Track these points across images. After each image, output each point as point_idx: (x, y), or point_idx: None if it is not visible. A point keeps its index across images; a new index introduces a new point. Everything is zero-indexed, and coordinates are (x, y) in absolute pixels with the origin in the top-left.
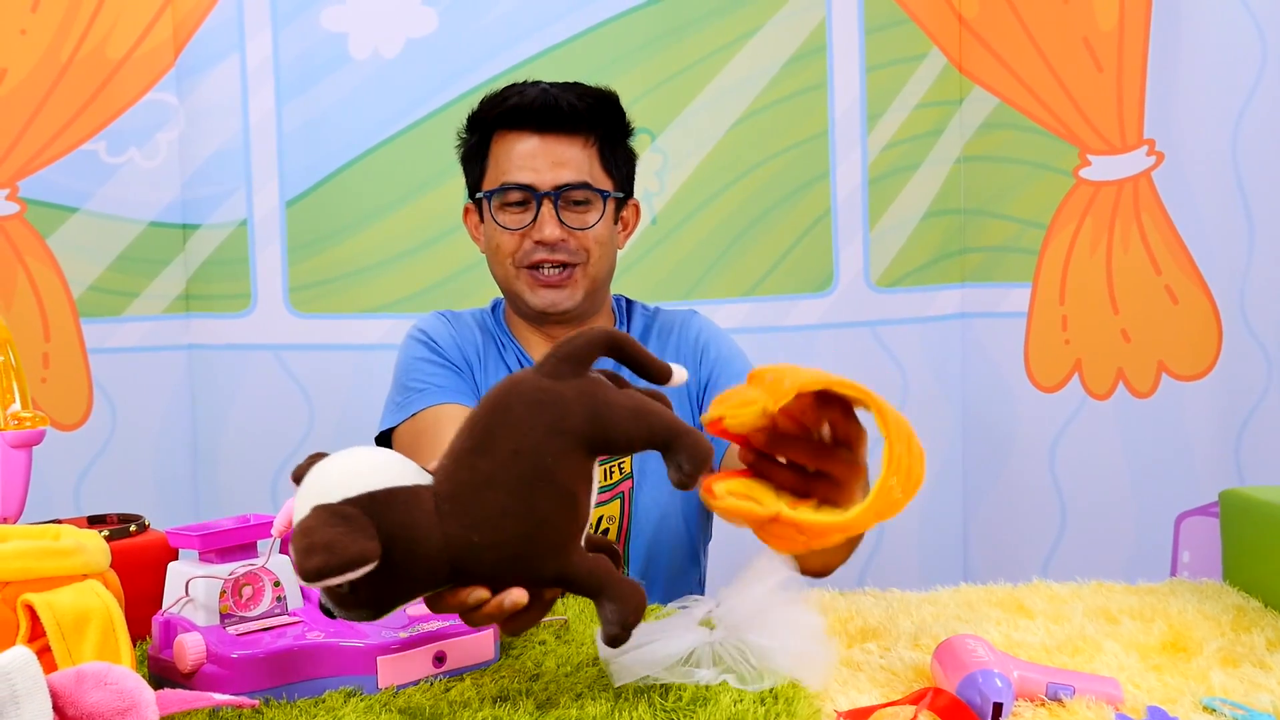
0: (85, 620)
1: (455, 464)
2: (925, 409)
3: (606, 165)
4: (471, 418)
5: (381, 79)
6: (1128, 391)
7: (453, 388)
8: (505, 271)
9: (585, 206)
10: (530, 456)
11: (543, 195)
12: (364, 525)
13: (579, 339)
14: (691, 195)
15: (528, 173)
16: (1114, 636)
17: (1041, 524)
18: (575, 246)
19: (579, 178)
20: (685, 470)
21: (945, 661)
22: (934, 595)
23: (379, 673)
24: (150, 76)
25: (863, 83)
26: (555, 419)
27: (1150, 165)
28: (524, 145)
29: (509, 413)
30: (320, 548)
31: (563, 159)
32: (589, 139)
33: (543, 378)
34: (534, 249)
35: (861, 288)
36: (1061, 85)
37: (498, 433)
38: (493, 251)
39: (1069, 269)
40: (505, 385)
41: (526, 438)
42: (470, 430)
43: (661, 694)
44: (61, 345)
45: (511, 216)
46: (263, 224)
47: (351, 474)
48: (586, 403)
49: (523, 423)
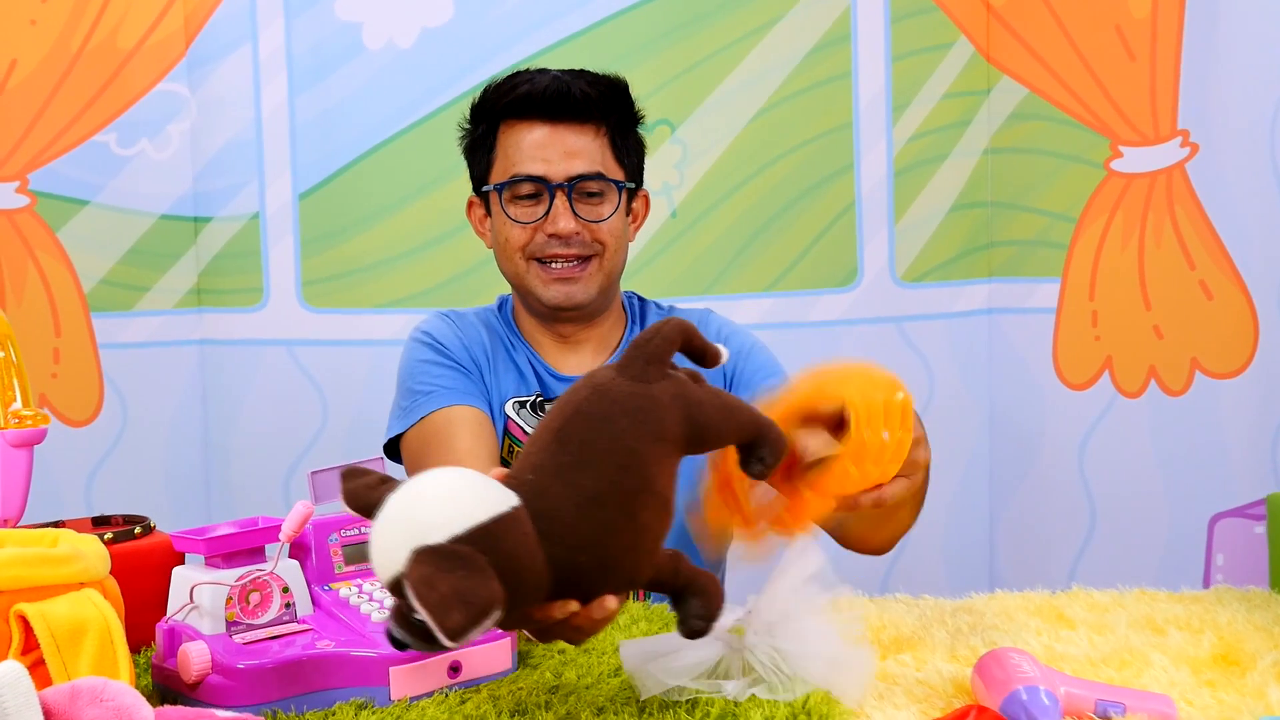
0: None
1: (550, 479)
2: (951, 407)
3: (618, 155)
4: (558, 427)
5: (396, 69)
6: (1160, 389)
7: (461, 389)
8: (515, 266)
9: (599, 198)
10: (636, 469)
11: (555, 187)
12: (483, 566)
13: (656, 337)
14: (712, 188)
15: (539, 164)
16: (1161, 649)
17: (1071, 526)
18: (589, 239)
19: (592, 168)
20: (767, 463)
21: (987, 676)
22: (968, 603)
23: (391, 684)
24: (161, 67)
25: (888, 72)
26: (656, 427)
27: (1184, 157)
28: (534, 135)
29: (610, 424)
30: (455, 600)
31: (575, 149)
32: (600, 128)
33: (633, 382)
34: (547, 242)
35: (886, 283)
36: (1092, 74)
37: (599, 445)
38: (502, 246)
39: (1100, 263)
40: (592, 392)
41: (632, 451)
42: (561, 442)
43: (689, 708)
44: (72, 340)
45: (523, 209)
46: (275, 217)
47: (451, 507)
48: (681, 405)
49: (627, 435)
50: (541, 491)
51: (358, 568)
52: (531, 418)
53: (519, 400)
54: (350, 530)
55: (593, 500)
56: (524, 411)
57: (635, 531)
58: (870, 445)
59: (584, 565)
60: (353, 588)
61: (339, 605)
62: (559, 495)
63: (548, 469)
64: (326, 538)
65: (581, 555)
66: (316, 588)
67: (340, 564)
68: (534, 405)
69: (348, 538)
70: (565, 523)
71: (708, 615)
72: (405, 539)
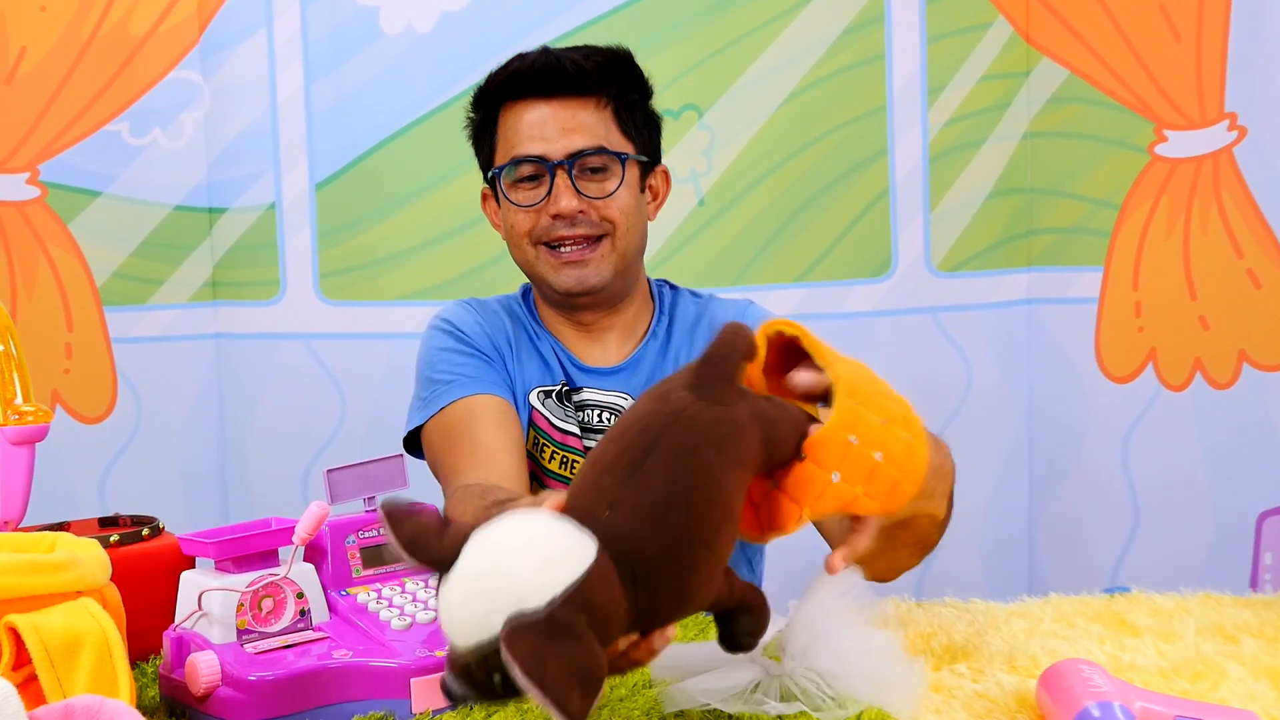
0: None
1: (632, 519)
2: (989, 401)
3: (625, 128)
4: (638, 461)
5: (415, 54)
6: (1206, 382)
7: (484, 378)
8: (525, 254)
9: (603, 173)
10: (721, 502)
11: (555, 165)
12: (586, 632)
13: (733, 354)
14: (741, 175)
15: (538, 143)
16: (1236, 658)
17: (1113, 523)
18: (597, 218)
19: (593, 142)
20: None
21: (1055, 690)
22: (1022, 607)
23: (412, 696)
24: (174, 54)
25: (923, 54)
26: (739, 453)
27: (1231, 141)
28: (532, 114)
29: (696, 457)
30: (573, 679)
31: (574, 124)
32: (601, 100)
33: (714, 406)
34: (552, 224)
35: (922, 272)
36: (1136, 55)
37: (685, 481)
38: (510, 233)
39: (1143, 252)
40: (673, 421)
41: (718, 483)
42: (643, 477)
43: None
44: (84, 335)
45: (525, 192)
46: (292, 208)
47: (544, 566)
48: (759, 426)
49: (714, 467)
50: (623, 533)
51: (376, 571)
52: (557, 408)
53: (544, 390)
54: (368, 532)
55: (679, 541)
56: (549, 401)
57: (715, 564)
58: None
59: (664, 604)
60: (371, 593)
61: (357, 612)
62: (644, 538)
63: (627, 507)
64: (343, 540)
65: (665, 595)
66: (333, 593)
67: (358, 567)
68: (559, 395)
69: (366, 539)
70: (652, 567)
71: (755, 631)
72: (496, 605)
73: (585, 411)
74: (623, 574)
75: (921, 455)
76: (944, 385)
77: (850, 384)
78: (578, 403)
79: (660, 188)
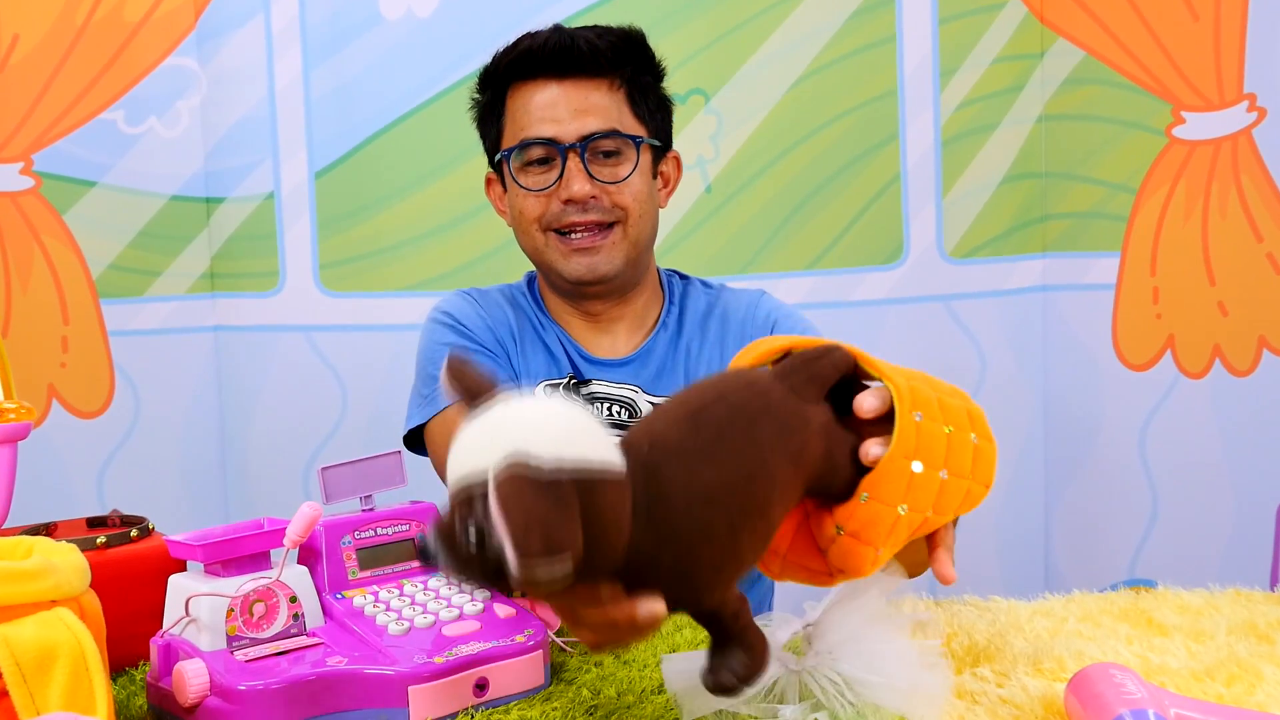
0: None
1: (668, 460)
2: (1004, 390)
3: (638, 111)
4: (697, 407)
5: (415, 40)
6: (1225, 369)
7: None
8: (534, 240)
9: (616, 157)
10: (761, 484)
11: (567, 148)
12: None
13: (827, 359)
14: (749, 161)
15: (549, 125)
16: (1271, 660)
17: (1131, 513)
18: (609, 204)
19: (606, 125)
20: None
21: (1085, 696)
22: (1045, 605)
23: (411, 704)
24: (170, 40)
25: (935, 36)
26: (798, 448)
27: (1251, 122)
28: (543, 95)
29: (754, 425)
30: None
31: (586, 106)
32: (614, 81)
33: (791, 394)
34: (563, 210)
35: (934, 259)
36: (1153, 35)
37: (734, 442)
38: (518, 219)
39: (1161, 236)
40: (746, 387)
41: (764, 462)
42: (695, 424)
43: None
44: (81, 328)
45: (535, 176)
46: (290, 197)
47: (568, 430)
48: (825, 438)
49: (766, 444)
50: (654, 471)
51: (373, 573)
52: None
53: (551, 383)
54: (365, 532)
55: (705, 499)
56: (557, 395)
57: (731, 551)
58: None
59: (662, 563)
60: (368, 596)
61: (353, 616)
62: (672, 481)
63: (669, 447)
64: (339, 540)
65: (667, 552)
66: (328, 596)
67: (354, 569)
68: (566, 388)
69: (362, 540)
70: (666, 513)
71: (745, 676)
72: (507, 439)
73: (594, 405)
74: (637, 507)
75: (991, 455)
76: (957, 375)
77: (913, 397)
78: (586, 395)
79: (672, 174)
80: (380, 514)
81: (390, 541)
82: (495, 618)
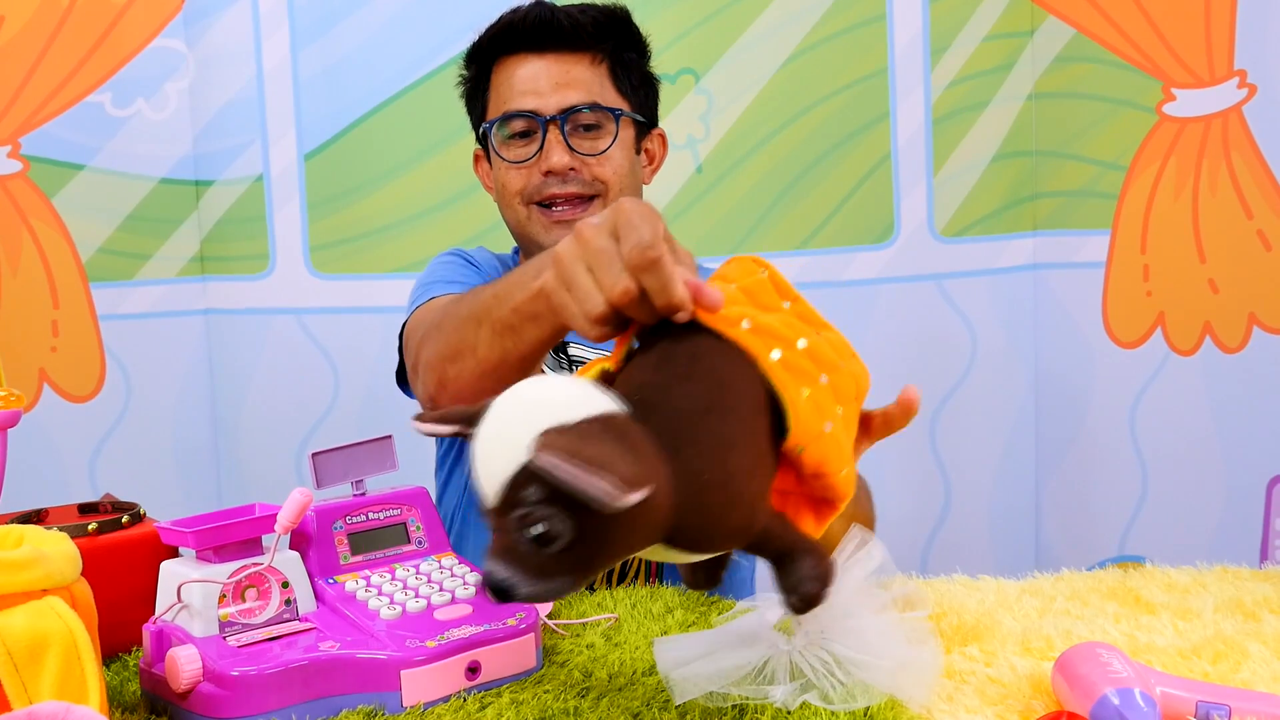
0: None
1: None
2: (995, 368)
3: (620, 86)
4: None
5: (406, 19)
6: (1215, 347)
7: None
8: (516, 213)
9: (597, 130)
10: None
11: (548, 120)
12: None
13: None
14: (739, 140)
15: (530, 98)
16: (1257, 637)
17: (1121, 491)
18: (589, 176)
19: (587, 98)
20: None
21: (1072, 676)
22: (1034, 584)
23: (403, 689)
24: (157, 21)
25: (925, 14)
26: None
27: (1241, 99)
28: (525, 69)
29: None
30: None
31: (568, 79)
32: (597, 56)
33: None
34: (543, 182)
35: (925, 238)
36: (1143, 13)
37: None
38: (501, 192)
39: (1151, 214)
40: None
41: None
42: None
43: (736, 716)
44: (70, 312)
45: (516, 149)
46: (280, 179)
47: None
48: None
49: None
50: (653, 406)
51: (365, 557)
52: (550, 358)
53: None
54: (357, 517)
55: (708, 410)
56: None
57: (752, 453)
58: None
59: (709, 483)
60: (360, 580)
61: (345, 600)
62: (673, 405)
63: (654, 385)
64: (330, 525)
65: (705, 470)
66: (320, 581)
67: (346, 554)
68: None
69: (354, 525)
70: (684, 430)
71: (823, 575)
72: (528, 427)
73: (577, 366)
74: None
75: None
76: (949, 353)
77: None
78: (567, 359)
79: (657, 151)
80: (371, 499)
81: (382, 526)
82: (487, 601)
